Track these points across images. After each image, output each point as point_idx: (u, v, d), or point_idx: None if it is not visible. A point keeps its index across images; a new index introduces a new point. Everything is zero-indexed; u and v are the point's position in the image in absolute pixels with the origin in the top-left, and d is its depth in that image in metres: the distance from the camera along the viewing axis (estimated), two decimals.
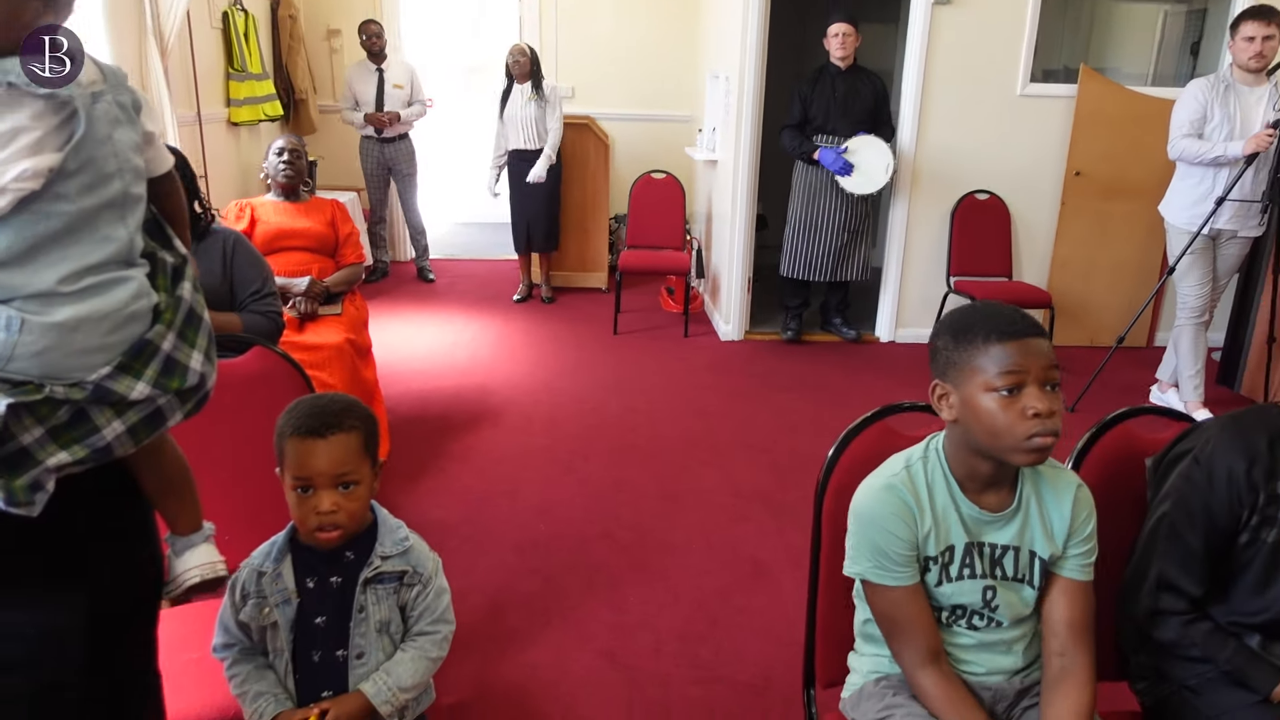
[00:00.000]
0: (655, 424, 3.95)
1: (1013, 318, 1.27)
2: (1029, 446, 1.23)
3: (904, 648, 1.35)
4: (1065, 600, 1.35)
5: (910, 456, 1.39)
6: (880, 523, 1.33)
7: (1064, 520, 1.35)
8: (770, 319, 5.50)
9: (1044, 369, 1.24)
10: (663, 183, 5.72)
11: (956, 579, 1.35)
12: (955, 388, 1.30)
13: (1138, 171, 4.83)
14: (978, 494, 1.35)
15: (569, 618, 2.52)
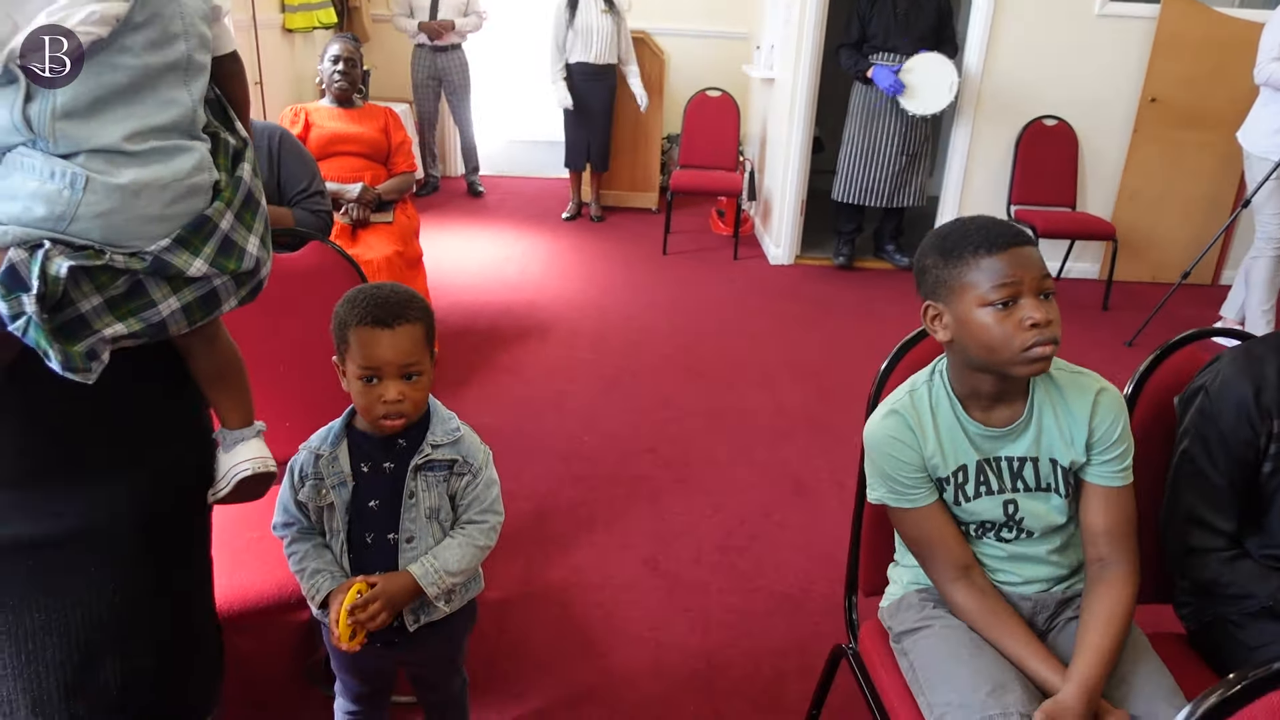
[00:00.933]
0: (702, 344, 3.95)
1: (1001, 229, 1.24)
2: (1029, 357, 1.21)
3: (933, 565, 1.36)
4: (1100, 507, 1.33)
5: (915, 381, 1.38)
6: (884, 448, 1.34)
7: (1082, 426, 1.31)
8: (822, 244, 5.42)
9: (1037, 278, 1.22)
10: (718, 101, 5.59)
11: (974, 497, 1.34)
12: (947, 307, 1.28)
13: (1218, 99, 4.59)
14: (985, 411, 1.33)
15: (612, 525, 2.57)
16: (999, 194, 4.94)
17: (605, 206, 6.17)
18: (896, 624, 1.44)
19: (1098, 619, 1.25)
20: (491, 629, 2.12)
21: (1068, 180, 4.89)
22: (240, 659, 1.98)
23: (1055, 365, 1.36)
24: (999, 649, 1.29)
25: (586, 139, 5.68)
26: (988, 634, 1.30)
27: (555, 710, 1.90)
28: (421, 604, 1.41)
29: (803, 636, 2.14)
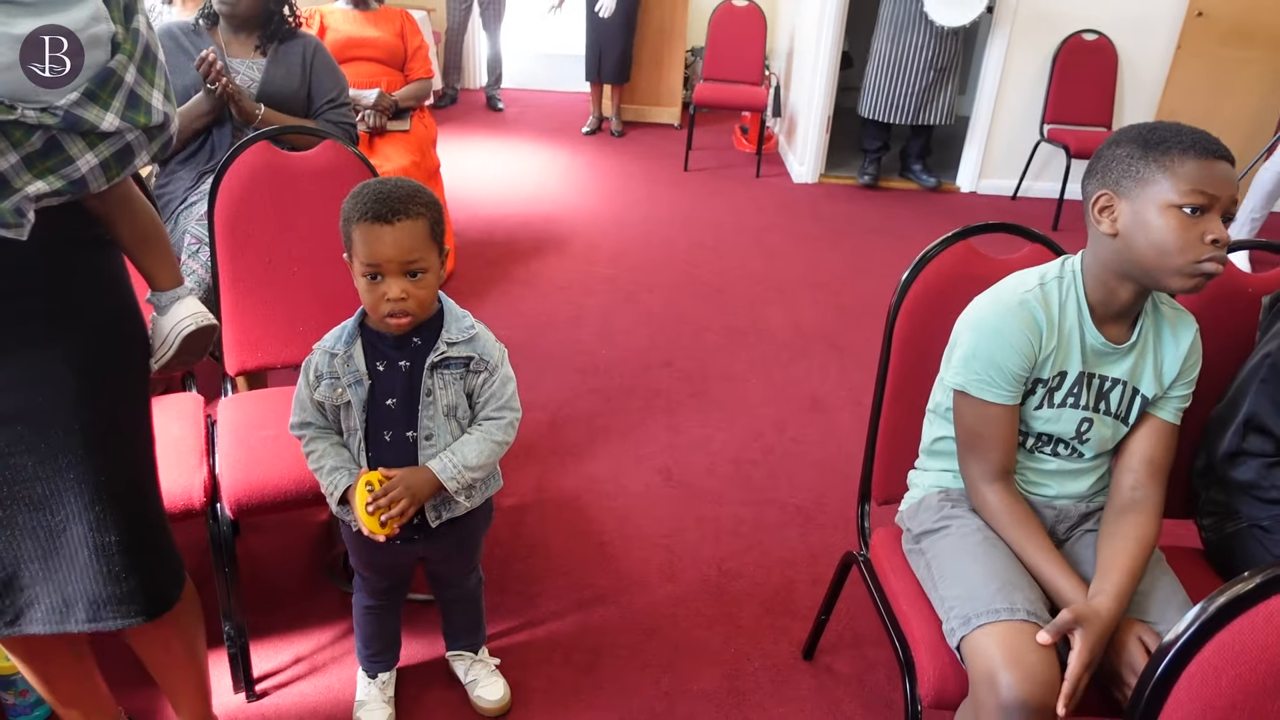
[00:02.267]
0: (722, 261, 3.90)
1: (1212, 139, 1.18)
2: (1198, 270, 1.17)
3: (978, 461, 1.34)
4: (1151, 439, 1.33)
5: (1045, 274, 1.33)
6: (1006, 337, 1.29)
7: (1176, 362, 1.31)
8: (846, 162, 5.30)
9: (1230, 198, 1.17)
10: (744, 12, 5.41)
11: (1059, 406, 1.33)
12: (1127, 199, 1.22)
13: (1270, 14, 4.39)
14: (1103, 323, 1.30)
15: (628, 436, 2.58)
16: (1033, 113, 4.80)
17: (626, 121, 6.04)
18: (916, 525, 1.44)
19: (1128, 543, 1.25)
20: (507, 534, 2.15)
21: (1105, 99, 4.73)
22: (258, 558, 2.05)
23: (1161, 298, 1.33)
24: (1018, 553, 1.29)
25: (600, 49, 5.53)
26: (1009, 537, 1.30)
27: (568, 610, 1.94)
28: (443, 500, 1.42)
29: (814, 547, 2.16)
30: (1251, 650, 0.75)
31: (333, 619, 1.87)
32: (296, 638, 1.83)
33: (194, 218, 2.15)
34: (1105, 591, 1.19)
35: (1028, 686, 1.11)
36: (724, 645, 1.87)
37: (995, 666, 1.14)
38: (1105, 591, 1.19)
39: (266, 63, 2.33)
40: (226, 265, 1.86)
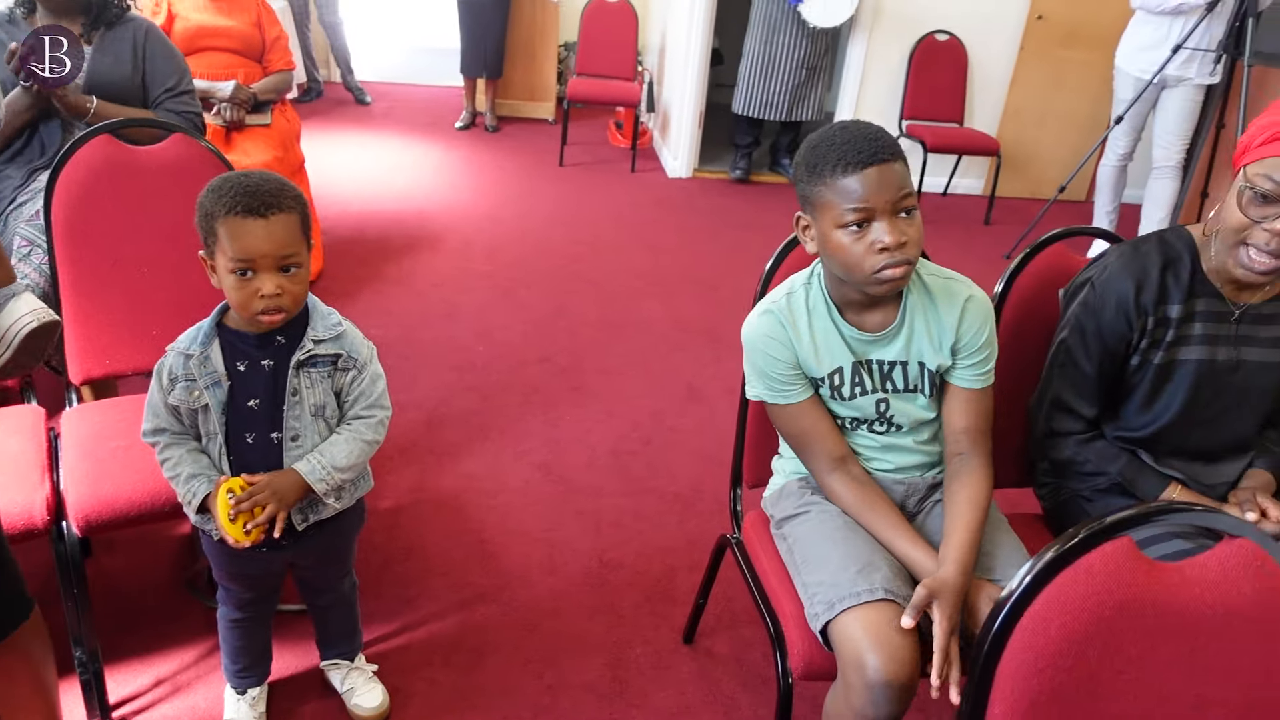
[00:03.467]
0: (599, 256, 3.92)
1: (859, 145, 1.21)
2: (879, 279, 1.23)
3: (811, 458, 1.41)
4: (961, 407, 1.39)
5: (794, 283, 1.40)
6: (759, 346, 1.37)
7: (950, 331, 1.35)
8: (719, 157, 5.41)
9: (893, 200, 1.20)
10: (616, 8, 5.44)
11: (850, 397, 1.39)
12: (815, 221, 1.29)
13: (1101, 19, 4.73)
14: (859, 315, 1.36)
15: (506, 433, 2.56)
16: (892, 109, 5.01)
17: (501, 116, 5.98)
18: (778, 511, 1.49)
19: (961, 507, 1.32)
20: (383, 537, 2.10)
21: (957, 96, 4.99)
22: (113, 577, 1.93)
23: (928, 271, 1.39)
24: (872, 533, 1.35)
25: (482, 44, 5.46)
26: (862, 519, 1.36)
27: (449, 611, 1.91)
28: (310, 502, 1.38)
29: (693, 533, 2.20)
30: (1075, 600, 0.82)
31: (197, 636, 1.79)
32: (157, 658, 1.73)
33: (24, 218, 2.00)
34: (949, 559, 1.24)
35: (893, 666, 1.16)
36: (606, 635, 1.88)
37: (861, 649, 1.18)
38: (949, 559, 1.24)
39: (92, 51, 2.17)
40: (67, 268, 1.74)
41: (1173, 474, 1.45)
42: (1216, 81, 3.88)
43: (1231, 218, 1.30)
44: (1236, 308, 1.40)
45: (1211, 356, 1.40)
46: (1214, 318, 1.40)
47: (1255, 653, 0.83)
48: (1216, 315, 1.40)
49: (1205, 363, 1.40)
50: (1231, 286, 1.40)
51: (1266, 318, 1.41)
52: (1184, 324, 1.40)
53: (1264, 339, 1.41)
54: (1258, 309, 1.41)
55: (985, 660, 0.84)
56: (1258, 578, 0.84)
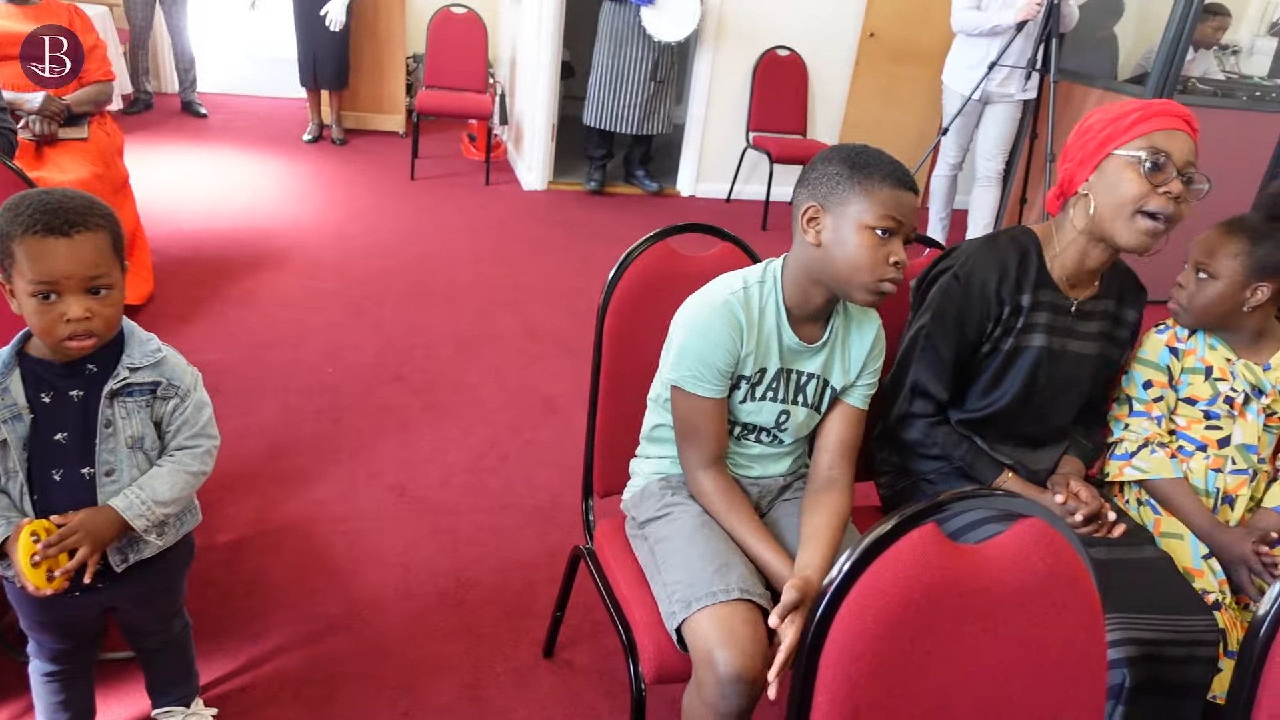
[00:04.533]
0: (453, 270, 3.86)
1: (906, 171, 1.30)
2: (879, 289, 1.29)
3: (693, 449, 1.43)
4: (843, 424, 1.47)
5: (748, 278, 1.42)
6: (712, 335, 1.37)
7: (862, 356, 1.45)
8: (574, 169, 5.43)
9: (913, 226, 1.31)
10: (463, 19, 5.39)
11: (760, 400, 1.43)
12: (830, 213, 1.31)
13: (926, 37, 5.05)
14: (798, 324, 1.41)
15: (357, 456, 2.48)
16: (740, 121, 5.18)
17: (348, 129, 5.81)
18: (639, 512, 1.50)
19: (827, 516, 1.38)
20: (223, 571, 1.99)
21: (800, 109, 5.21)
22: None
23: None
24: (730, 533, 1.39)
25: (314, 54, 5.28)
26: (723, 519, 1.40)
27: (297, 644, 1.83)
28: (129, 541, 1.29)
29: (553, 546, 2.20)
30: (887, 586, 0.86)
31: (7, 695, 1.64)
32: None
33: None
34: (813, 565, 1.29)
35: (743, 660, 1.19)
36: (464, 656, 1.85)
37: (712, 645, 1.21)
38: (813, 565, 1.29)
39: None
40: None
41: (1006, 461, 1.56)
42: (1033, 97, 4.21)
43: (1125, 191, 1.41)
44: (1071, 302, 1.54)
45: (1048, 345, 1.53)
46: (1055, 309, 1.54)
47: (1047, 622, 0.90)
48: (1056, 307, 1.54)
49: (1044, 350, 1.53)
50: (1069, 279, 1.54)
51: (1087, 314, 1.56)
52: (1032, 313, 1.52)
53: (1084, 333, 1.55)
54: (1084, 305, 1.55)
55: (810, 649, 0.87)
56: (1048, 554, 0.91)
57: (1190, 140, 1.41)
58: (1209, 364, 1.62)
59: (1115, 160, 1.42)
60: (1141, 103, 1.44)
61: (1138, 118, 1.41)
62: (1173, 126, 1.40)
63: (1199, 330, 1.64)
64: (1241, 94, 4.64)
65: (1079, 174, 1.47)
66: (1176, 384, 1.64)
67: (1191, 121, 1.42)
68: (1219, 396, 1.60)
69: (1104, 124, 1.44)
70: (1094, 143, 1.45)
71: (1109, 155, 1.43)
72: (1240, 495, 1.61)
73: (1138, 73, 4.77)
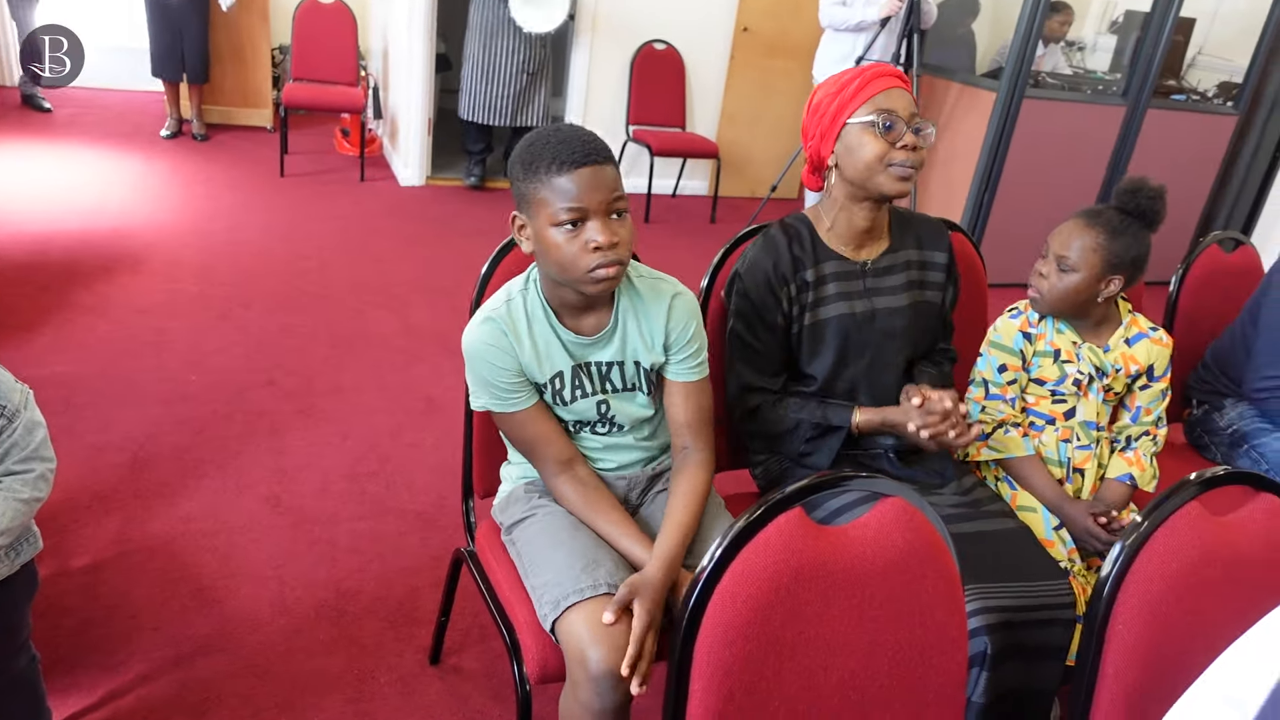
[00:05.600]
0: (326, 270, 3.72)
1: (573, 145, 1.23)
2: (593, 277, 1.25)
3: (540, 462, 1.42)
4: (680, 401, 1.45)
5: (511, 289, 1.40)
6: (482, 355, 1.35)
7: (660, 330, 1.41)
8: (453, 164, 5.33)
9: (606, 201, 1.24)
10: (331, 9, 5.19)
11: (571, 400, 1.41)
12: (530, 221, 1.29)
13: (797, 31, 5.17)
14: (575, 319, 1.39)
15: (226, 467, 2.36)
16: (619, 114, 5.19)
17: (211, 124, 5.52)
18: (506, 517, 1.48)
19: (679, 501, 1.38)
20: (79, 599, 1.86)
21: (678, 102, 5.26)
22: None
23: (637, 273, 1.44)
24: (596, 531, 1.38)
25: (170, 45, 5.00)
26: (587, 519, 1.39)
27: (164, 670, 1.73)
28: None
29: (437, 550, 2.15)
30: (756, 572, 0.87)
31: None
32: None
33: None
34: (659, 556, 1.29)
35: (614, 656, 1.18)
36: (346, 669, 1.79)
37: (584, 643, 1.20)
38: (659, 556, 1.29)
39: None
40: None
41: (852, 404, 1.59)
42: None
43: (867, 153, 1.48)
44: (860, 265, 1.60)
45: (850, 310, 1.58)
46: (844, 276, 1.59)
47: (908, 596, 0.94)
48: (846, 274, 1.59)
49: (846, 316, 1.58)
50: (851, 247, 1.60)
51: (885, 269, 1.62)
52: (819, 286, 1.58)
53: (889, 288, 1.62)
54: (877, 264, 1.62)
55: (684, 639, 0.88)
56: (907, 530, 0.94)
57: (907, 94, 1.51)
58: (1057, 347, 1.71)
59: (851, 128, 1.50)
60: (857, 70, 1.53)
61: (859, 85, 1.50)
62: (890, 86, 1.49)
63: (1049, 316, 1.74)
64: (1086, 88, 4.96)
65: (823, 148, 1.55)
66: (1029, 366, 1.73)
67: (902, 77, 1.53)
68: (1066, 378, 1.70)
69: (831, 98, 1.52)
70: (828, 117, 1.52)
71: (845, 125, 1.50)
72: (1087, 468, 1.72)
73: (993, 67, 5.03)
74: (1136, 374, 1.72)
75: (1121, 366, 1.70)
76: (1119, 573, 1.00)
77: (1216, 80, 5.21)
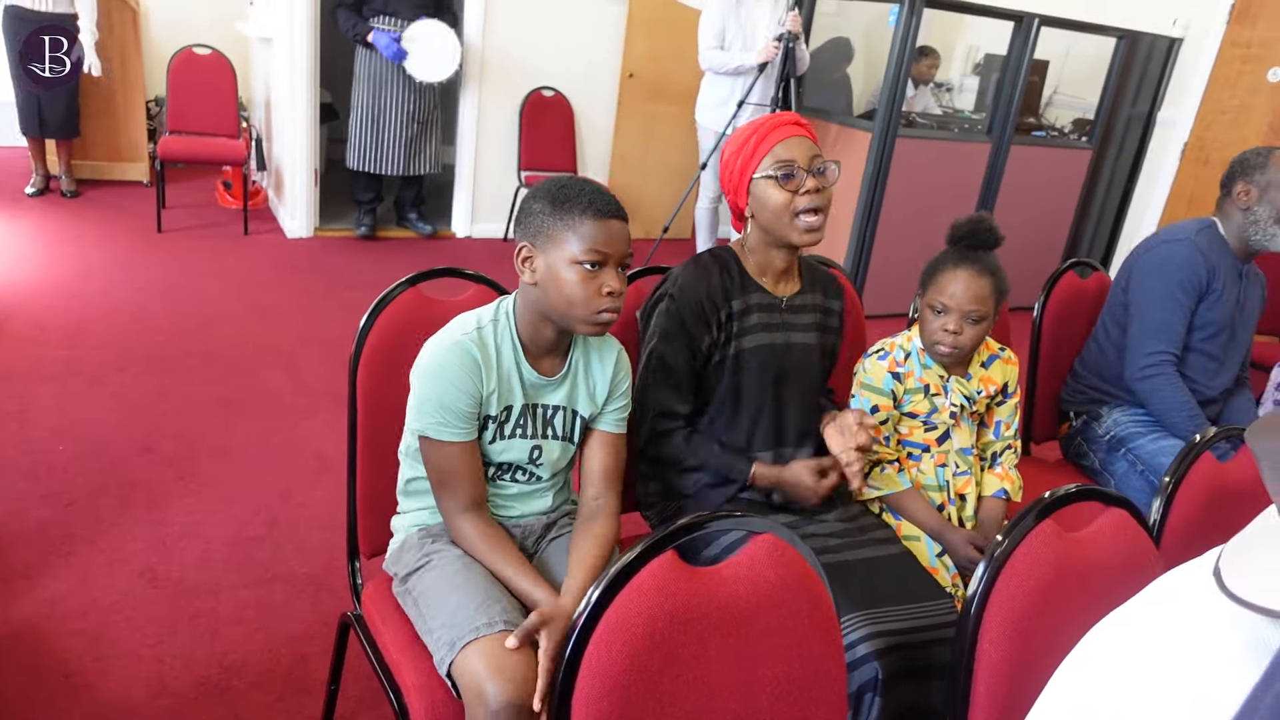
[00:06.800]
0: (210, 328, 3.59)
1: (607, 198, 1.33)
2: (598, 320, 1.33)
3: (450, 497, 1.41)
4: (602, 451, 1.49)
5: (482, 317, 1.41)
6: (450, 379, 1.34)
7: (605, 382, 1.48)
8: (344, 215, 5.23)
9: (624, 253, 1.33)
10: (209, 60, 5.07)
11: (509, 437, 1.42)
12: (542, 253, 1.33)
13: (680, 75, 5.30)
14: (537, 359, 1.42)
15: (98, 542, 2.23)
16: (511, 161, 5.20)
17: (81, 180, 5.29)
18: (400, 567, 1.45)
19: (590, 544, 1.39)
20: None
21: (569, 147, 5.31)
22: None
23: None
24: (494, 573, 1.37)
25: (37, 99, 4.78)
26: (485, 560, 1.38)
27: None
28: None
29: (327, 614, 2.07)
30: (632, 617, 0.88)
31: None
32: None
33: None
34: (570, 590, 1.31)
35: (512, 688, 1.18)
36: None
37: (481, 679, 1.19)
38: (570, 590, 1.31)
39: None
40: None
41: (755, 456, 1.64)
42: None
43: (775, 202, 1.55)
44: (779, 300, 1.67)
45: (771, 341, 1.64)
46: (766, 309, 1.65)
47: (784, 630, 0.95)
48: (768, 306, 1.66)
49: (766, 347, 1.64)
50: (771, 280, 1.67)
51: (799, 308, 1.70)
52: (744, 316, 1.63)
53: (802, 324, 1.69)
54: (792, 301, 1.69)
55: (563, 688, 0.87)
56: (779, 565, 0.96)
57: (806, 138, 1.58)
58: (926, 382, 1.78)
59: (757, 182, 1.58)
60: (754, 124, 1.60)
61: (756, 140, 1.57)
62: (787, 135, 1.56)
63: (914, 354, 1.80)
64: (954, 126, 5.24)
65: (739, 200, 1.62)
66: (900, 404, 1.79)
67: (800, 121, 1.60)
68: (936, 410, 1.78)
69: (735, 155, 1.60)
70: (736, 173, 1.60)
71: (751, 180, 1.58)
72: (968, 492, 1.79)
73: (869, 108, 5.27)
74: (995, 393, 1.81)
75: (983, 390, 1.79)
76: (984, 591, 1.04)
77: (1072, 117, 5.58)
